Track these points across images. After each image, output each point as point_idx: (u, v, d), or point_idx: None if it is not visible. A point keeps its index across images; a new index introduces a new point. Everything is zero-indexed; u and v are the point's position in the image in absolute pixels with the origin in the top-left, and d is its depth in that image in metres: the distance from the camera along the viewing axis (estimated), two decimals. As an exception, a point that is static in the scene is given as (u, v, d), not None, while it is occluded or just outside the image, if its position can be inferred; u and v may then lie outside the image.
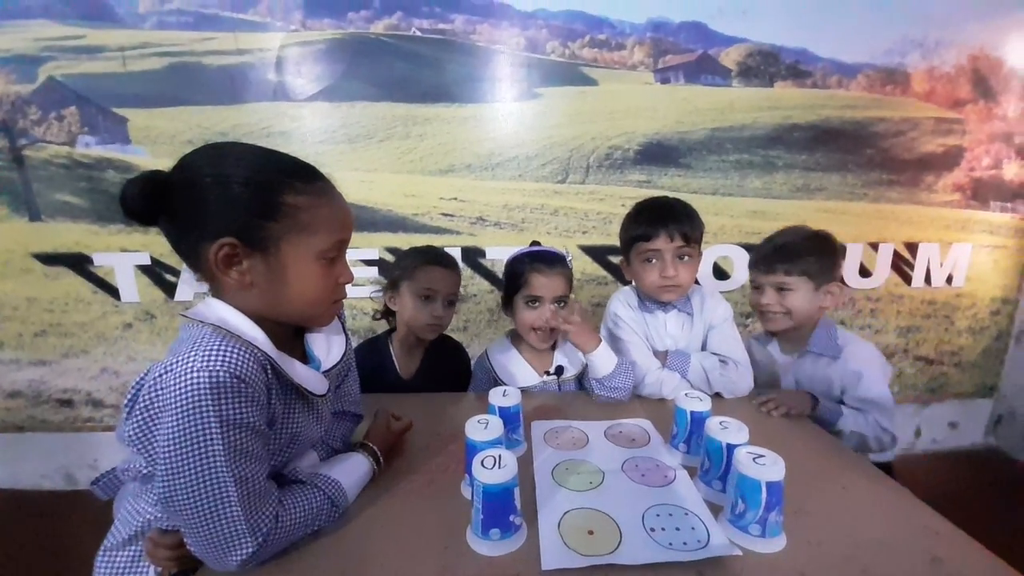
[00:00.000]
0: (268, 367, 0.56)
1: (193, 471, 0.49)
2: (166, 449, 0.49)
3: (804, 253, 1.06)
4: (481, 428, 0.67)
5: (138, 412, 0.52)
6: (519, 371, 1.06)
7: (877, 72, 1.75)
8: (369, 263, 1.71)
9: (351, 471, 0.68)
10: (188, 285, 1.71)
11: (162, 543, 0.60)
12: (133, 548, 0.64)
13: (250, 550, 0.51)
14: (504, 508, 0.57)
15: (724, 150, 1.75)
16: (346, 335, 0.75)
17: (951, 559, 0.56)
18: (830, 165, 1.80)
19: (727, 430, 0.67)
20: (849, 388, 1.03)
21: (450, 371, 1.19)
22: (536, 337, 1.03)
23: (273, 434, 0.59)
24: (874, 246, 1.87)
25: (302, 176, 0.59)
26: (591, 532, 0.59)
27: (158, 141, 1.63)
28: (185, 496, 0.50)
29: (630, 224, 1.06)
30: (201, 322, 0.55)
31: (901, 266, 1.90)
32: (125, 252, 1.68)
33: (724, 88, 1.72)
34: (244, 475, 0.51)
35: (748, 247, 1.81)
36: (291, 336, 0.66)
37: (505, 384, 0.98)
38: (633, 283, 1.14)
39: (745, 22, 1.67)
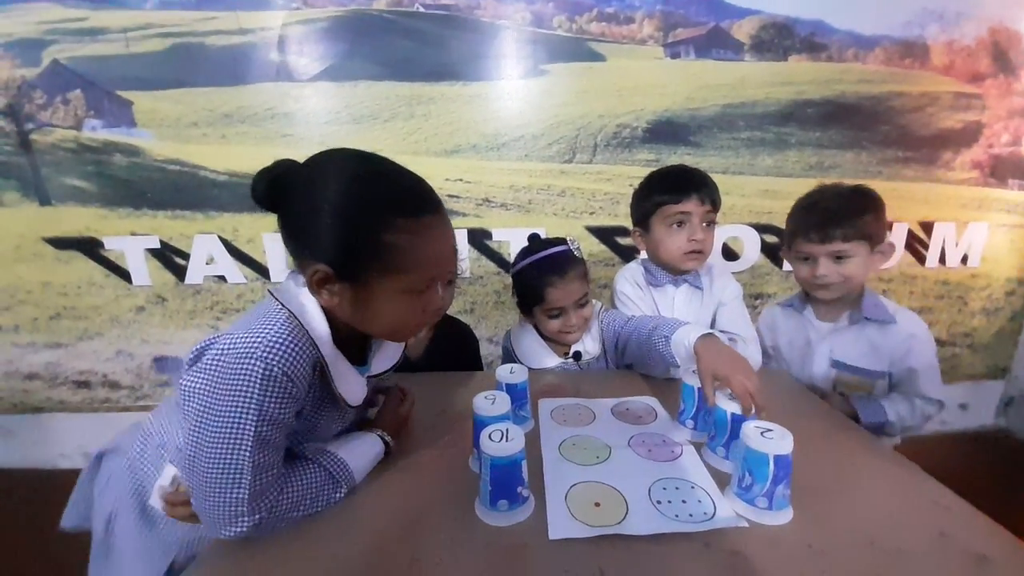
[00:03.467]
0: (318, 366, 0.58)
1: (219, 445, 0.52)
2: (202, 416, 0.52)
3: (859, 213, 0.96)
4: (489, 403, 0.67)
5: (198, 371, 0.54)
6: (540, 354, 1.05)
7: (895, 45, 1.69)
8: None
9: (360, 452, 0.67)
10: (198, 269, 1.72)
11: (178, 500, 0.63)
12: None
13: (245, 528, 0.54)
14: (512, 480, 0.58)
15: (735, 127, 1.71)
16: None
17: (959, 533, 0.56)
18: (844, 142, 1.76)
19: (734, 401, 0.68)
20: (900, 356, 0.98)
21: (457, 353, 1.20)
22: (565, 338, 1.01)
23: (296, 422, 0.60)
24: (888, 226, 1.83)
25: (407, 211, 0.56)
26: (598, 504, 0.60)
27: (163, 124, 1.63)
28: (204, 464, 0.52)
29: (654, 188, 1.04)
30: (280, 303, 0.57)
31: (916, 246, 1.87)
32: (135, 236, 1.69)
33: (736, 63, 1.68)
34: (261, 463, 0.54)
35: (759, 227, 1.79)
36: (359, 336, 0.66)
37: (528, 367, 0.98)
38: (641, 257, 1.13)
39: (759, -8, 1.62)
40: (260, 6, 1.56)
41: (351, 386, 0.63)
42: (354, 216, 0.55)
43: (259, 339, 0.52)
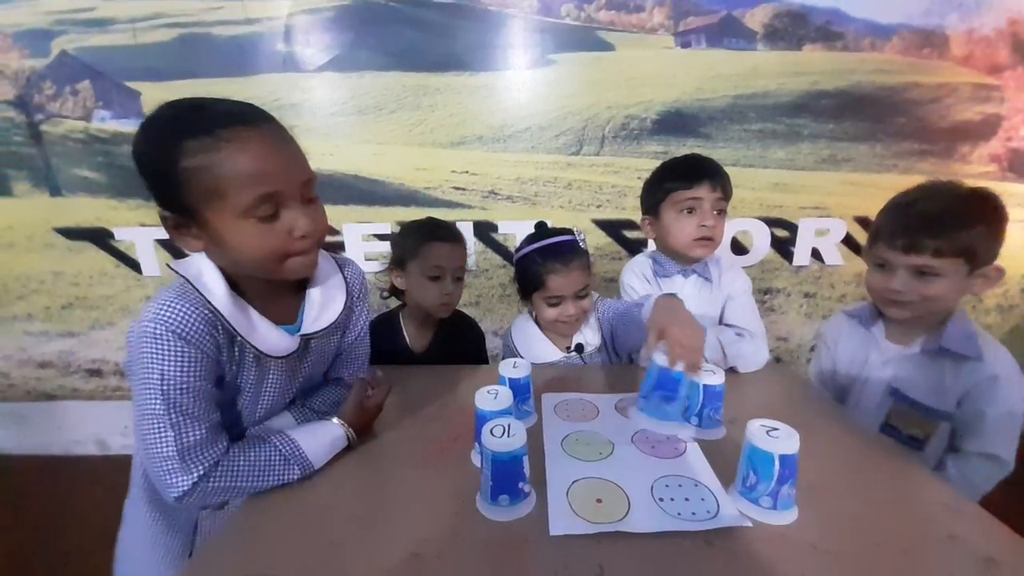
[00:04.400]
0: (218, 325, 0.59)
1: (143, 410, 0.57)
2: (132, 383, 0.58)
3: (964, 225, 0.77)
4: (491, 398, 0.67)
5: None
6: (541, 348, 1.05)
7: (913, 34, 1.64)
8: (381, 237, 1.71)
9: (316, 435, 0.67)
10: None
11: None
12: None
13: (184, 487, 0.57)
14: (513, 475, 0.57)
15: (747, 119, 1.68)
16: (357, 299, 0.75)
17: (968, 536, 0.55)
18: (859, 134, 1.72)
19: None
20: (973, 398, 0.81)
21: (462, 346, 1.20)
22: (561, 328, 1.02)
23: (228, 391, 0.63)
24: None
25: (194, 130, 0.52)
26: (599, 500, 0.60)
27: (171, 115, 1.63)
28: (139, 429, 0.58)
29: (665, 175, 1.03)
30: (180, 275, 0.59)
31: (929, 241, 1.83)
32: (144, 227, 1.70)
33: (748, 52, 1.64)
34: (179, 423, 0.57)
35: (769, 221, 1.76)
36: (283, 291, 0.66)
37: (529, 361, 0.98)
38: (650, 247, 1.12)
39: (772, -20, 1.58)
40: (266, -5, 1.55)
41: (267, 338, 0.62)
42: (151, 150, 0.55)
43: (151, 308, 0.57)
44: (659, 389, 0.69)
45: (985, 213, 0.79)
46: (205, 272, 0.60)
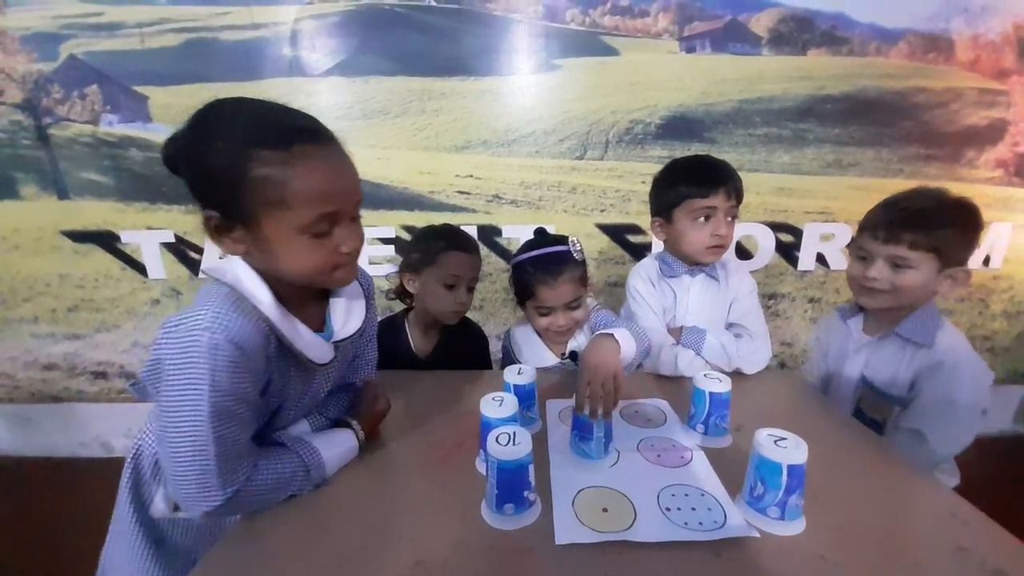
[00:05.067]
0: (271, 335, 0.58)
1: (181, 420, 0.53)
2: (165, 395, 0.54)
3: (940, 224, 0.85)
4: (496, 405, 0.67)
5: (152, 356, 0.56)
6: (537, 353, 1.06)
7: (919, 38, 1.64)
8: (385, 241, 1.71)
9: (333, 443, 0.68)
10: (211, 261, 1.74)
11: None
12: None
13: (219, 501, 0.55)
14: (518, 484, 0.57)
15: (752, 123, 1.68)
16: (369, 304, 0.75)
17: (977, 548, 0.54)
18: (864, 139, 1.71)
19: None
20: (918, 384, 0.88)
21: (466, 351, 1.20)
22: (551, 336, 1.03)
23: (271, 401, 0.62)
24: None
25: (271, 142, 0.53)
26: (605, 509, 0.59)
27: (178, 119, 1.59)
28: (171, 440, 0.54)
29: (680, 179, 1.01)
30: (218, 280, 0.58)
31: (936, 246, 1.82)
32: (150, 230, 1.71)
33: (753, 57, 1.64)
34: (225, 435, 0.55)
35: (774, 225, 1.75)
36: (312, 299, 0.67)
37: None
38: (654, 250, 1.11)
39: (778, -15, 1.58)
40: (273, 1, 1.56)
41: (311, 346, 0.63)
42: (219, 152, 0.54)
43: (201, 314, 0.54)
44: (576, 430, 0.71)
45: (962, 217, 0.87)
46: (245, 279, 0.58)
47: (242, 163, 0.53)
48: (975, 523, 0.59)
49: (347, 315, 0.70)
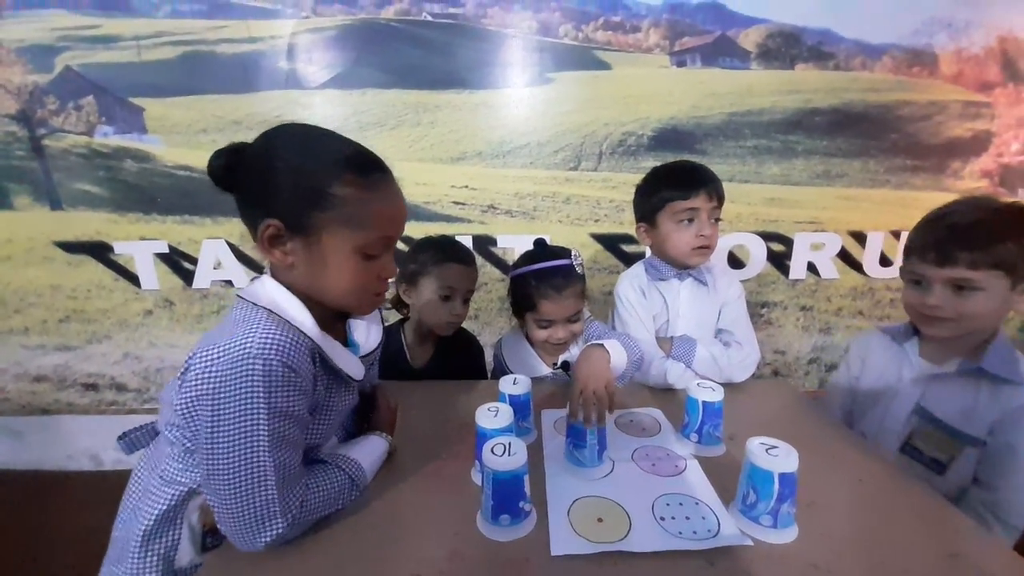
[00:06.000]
0: (316, 355, 0.59)
1: (237, 452, 0.52)
2: (213, 427, 0.52)
3: (1000, 237, 0.73)
4: (491, 416, 0.67)
5: (189, 386, 0.54)
6: (530, 363, 1.06)
7: (903, 53, 1.68)
8: (381, 251, 1.72)
9: (369, 452, 0.69)
10: (205, 274, 1.74)
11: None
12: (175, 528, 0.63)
13: (280, 530, 0.53)
14: (514, 495, 0.57)
15: (741, 135, 1.71)
16: (381, 315, 0.77)
17: (970, 555, 0.55)
18: (852, 151, 1.75)
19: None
20: (1007, 429, 0.76)
21: (462, 362, 1.20)
22: (548, 348, 1.04)
23: (314, 420, 0.62)
24: (896, 234, 1.82)
25: (356, 167, 0.58)
26: (600, 520, 0.60)
27: (174, 131, 1.65)
28: (226, 474, 0.52)
29: (661, 184, 1.03)
30: (254, 304, 0.58)
31: (923, 255, 1.85)
32: (144, 240, 1.71)
33: (742, 71, 1.67)
34: (283, 461, 0.54)
35: (765, 235, 1.78)
36: (335, 319, 0.68)
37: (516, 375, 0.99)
38: (646, 255, 1.12)
39: (765, 1, 1.62)
40: (270, 15, 1.58)
41: (349, 363, 0.65)
42: (304, 168, 0.57)
43: (250, 339, 0.53)
44: (570, 437, 0.72)
45: (1017, 227, 0.75)
46: (283, 301, 0.59)
47: (325, 180, 0.56)
48: (967, 531, 0.59)
49: (368, 330, 0.73)
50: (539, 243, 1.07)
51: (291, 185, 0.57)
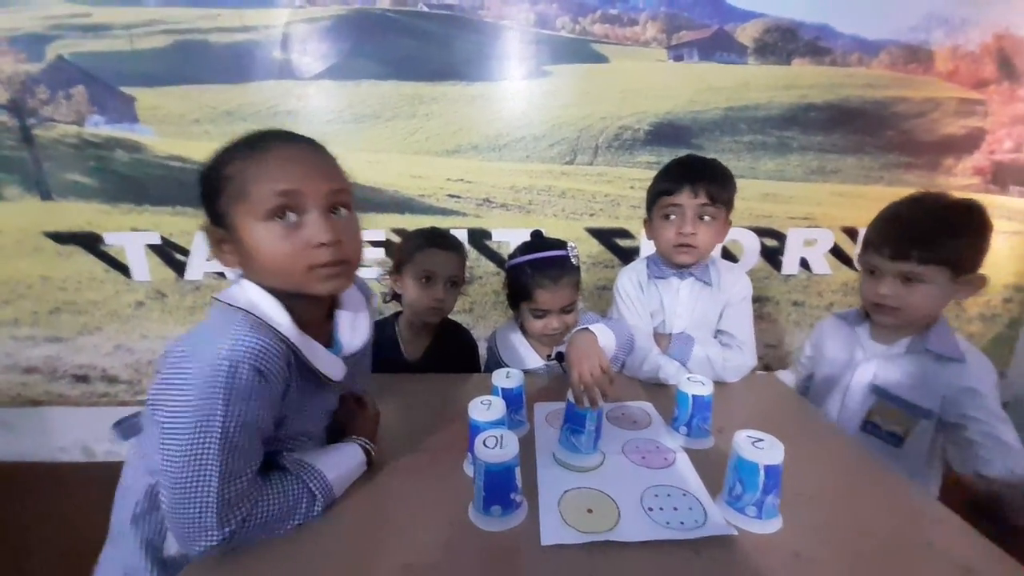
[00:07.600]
0: (290, 356, 0.58)
1: (186, 449, 0.51)
2: (172, 422, 0.52)
3: (949, 234, 0.81)
4: (484, 409, 0.68)
5: (160, 381, 0.54)
6: (523, 354, 1.07)
7: (900, 50, 1.68)
8: (375, 244, 1.71)
9: (339, 462, 0.65)
10: (198, 265, 1.73)
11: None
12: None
13: (214, 542, 0.52)
14: (505, 486, 0.58)
15: (738, 131, 1.71)
16: (371, 315, 0.75)
17: (946, 544, 0.56)
18: (847, 147, 1.75)
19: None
20: (959, 403, 0.83)
21: (456, 355, 1.20)
22: (544, 340, 1.04)
23: (287, 422, 0.61)
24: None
25: (245, 145, 0.58)
26: (590, 510, 0.61)
27: (166, 120, 1.63)
28: (173, 471, 0.51)
29: (659, 177, 1.04)
30: (231, 306, 0.57)
31: (915, 251, 1.86)
32: (135, 231, 1.69)
33: (739, 66, 1.67)
34: (231, 469, 0.53)
35: (759, 231, 1.79)
36: (319, 316, 0.66)
37: (509, 366, 0.99)
38: (642, 254, 1.12)
39: (763, -5, 1.61)
40: (264, 4, 1.56)
41: (327, 363, 0.63)
42: (208, 164, 0.59)
43: (224, 340, 0.52)
44: (568, 422, 0.73)
45: (970, 223, 0.83)
46: (260, 301, 0.58)
47: (221, 167, 0.57)
48: (946, 522, 0.61)
49: (353, 329, 0.70)
50: (536, 234, 1.08)
51: (203, 183, 0.59)
